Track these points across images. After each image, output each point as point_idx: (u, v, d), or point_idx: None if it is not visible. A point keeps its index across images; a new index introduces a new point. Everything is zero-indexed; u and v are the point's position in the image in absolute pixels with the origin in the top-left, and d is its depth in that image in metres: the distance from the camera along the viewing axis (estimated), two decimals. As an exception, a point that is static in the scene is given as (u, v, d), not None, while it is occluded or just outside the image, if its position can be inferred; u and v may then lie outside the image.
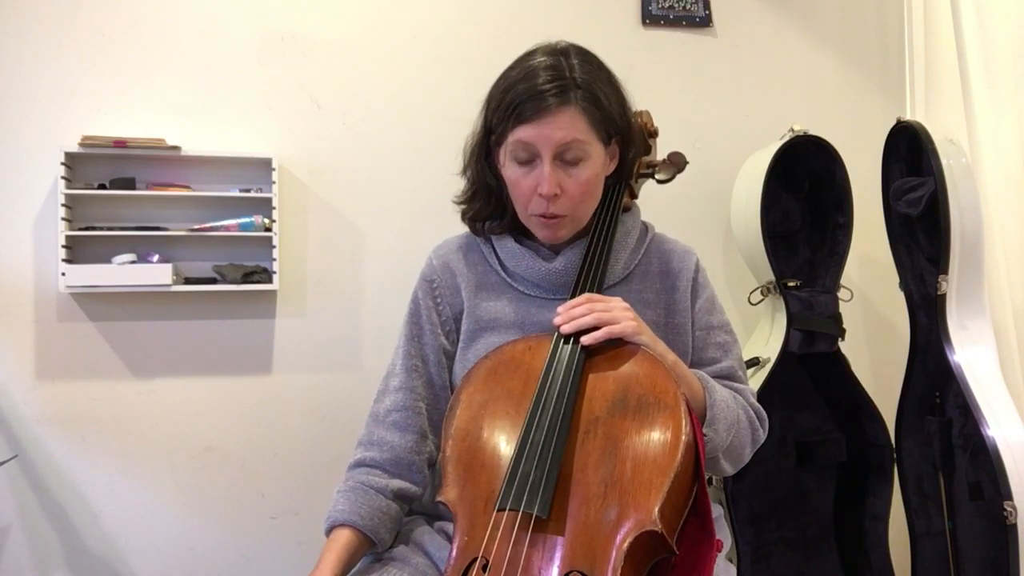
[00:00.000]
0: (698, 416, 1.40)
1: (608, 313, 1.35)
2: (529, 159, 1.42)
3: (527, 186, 1.43)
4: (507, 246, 1.57)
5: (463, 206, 1.63)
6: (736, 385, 1.55)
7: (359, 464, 1.51)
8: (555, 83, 1.38)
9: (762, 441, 1.56)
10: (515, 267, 1.55)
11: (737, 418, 1.46)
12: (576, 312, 1.36)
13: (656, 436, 1.21)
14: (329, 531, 1.43)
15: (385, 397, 1.55)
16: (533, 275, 1.54)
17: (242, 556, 2.32)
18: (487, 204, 1.59)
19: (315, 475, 2.35)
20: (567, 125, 1.38)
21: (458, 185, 1.69)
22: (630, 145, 1.54)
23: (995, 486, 2.03)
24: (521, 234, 1.59)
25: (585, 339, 1.34)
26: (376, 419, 1.54)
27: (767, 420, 1.57)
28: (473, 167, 1.58)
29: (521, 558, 1.14)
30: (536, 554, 1.15)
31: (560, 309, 1.39)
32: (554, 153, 1.39)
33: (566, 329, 1.35)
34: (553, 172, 1.40)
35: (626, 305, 1.38)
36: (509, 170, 1.46)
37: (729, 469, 1.52)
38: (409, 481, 1.50)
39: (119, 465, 2.24)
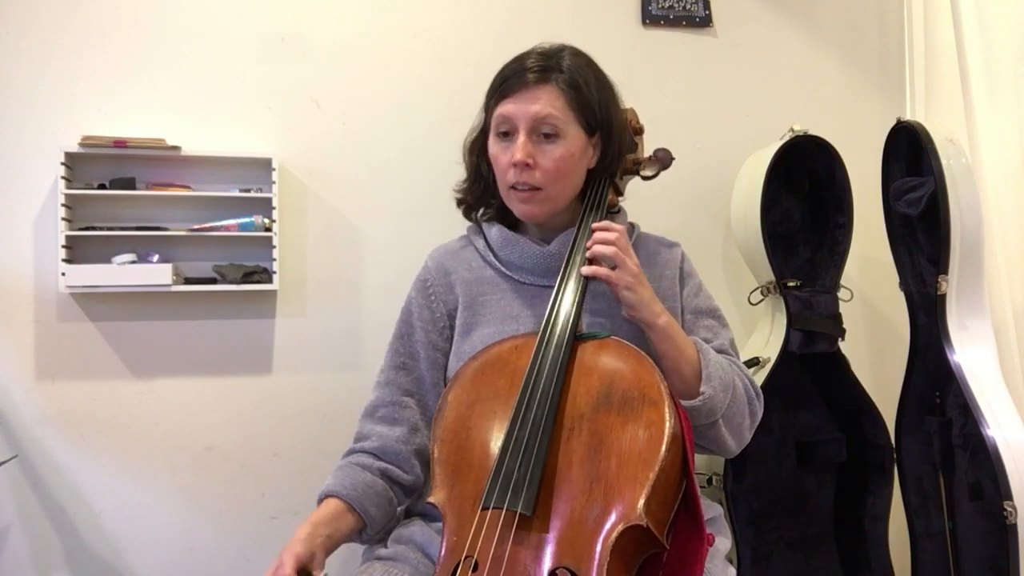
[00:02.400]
0: (693, 374, 1.43)
1: (624, 264, 1.42)
2: (509, 133, 1.51)
3: (505, 160, 1.51)
4: (499, 233, 1.62)
5: (460, 194, 1.72)
6: (731, 357, 1.57)
7: (349, 452, 1.58)
8: (539, 64, 1.50)
9: (760, 417, 1.59)
10: (509, 255, 1.60)
11: (733, 383, 1.49)
12: (607, 237, 1.44)
13: (641, 431, 1.21)
14: (319, 504, 1.50)
15: (372, 393, 1.62)
16: (528, 260, 1.58)
17: (242, 556, 2.32)
18: (477, 188, 1.66)
19: (315, 475, 2.34)
20: (544, 101, 1.47)
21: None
22: (612, 142, 1.58)
23: (995, 486, 2.02)
24: (512, 224, 1.65)
25: (584, 270, 1.43)
26: (366, 414, 1.61)
27: (763, 397, 1.59)
28: (470, 157, 1.67)
29: (507, 556, 1.15)
30: (523, 552, 1.15)
31: (596, 225, 1.48)
32: (529, 127, 1.48)
33: (591, 251, 1.44)
34: (527, 143, 1.48)
35: (636, 272, 1.44)
36: (492, 146, 1.55)
37: (731, 443, 1.52)
38: (397, 467, 1.55)
39: (119, 465, 2.25)
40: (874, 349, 2.74)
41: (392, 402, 1.59)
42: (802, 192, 2.46)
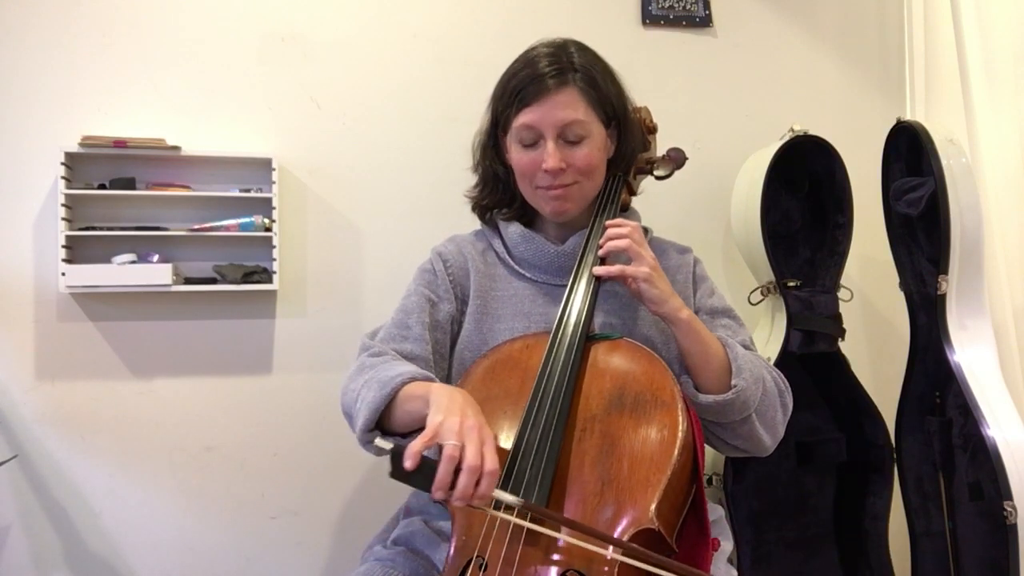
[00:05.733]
0: (722, 368, 1.42)
1: (640, 257, 1.41)
2: (534, 141, 1.49)
3: (533, 166, 1.50)
4: (515, 231, 1.62)
5: (473, 199, 1.71)
6: (755, 352, 1.56)
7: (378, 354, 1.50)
8: (554, 66, 1.47)
9: (791, 409, 1.56)
10: (523, 252, 1.59)
11: (762, 376, 1.48)
12: (620, 232, 1.43)
13: (653, 434, 1.21)
14: (401, 386, 1.34)
15: (405, 343, 1.54)
16: (541, 258, 1.58)
17: (242, 556, 2.32)
18: (495, 192, 1.66)
19: (315, 475, 2.35)
20: (567, 105, 1.47)
21: (458, 184, 1.74)
22: (627, 133, 1.59)
23: (995, 486, 2.03)
24: (528, 223, 1.65)
25: (597, 270, 1.43)
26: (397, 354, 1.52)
27: (791, 389, 1.58)
28: (482, 160, 1.66)
29: (517, 557, 1.15)
30: (533, 553, 1.15)
31: (608, 223, 1.47)
32: (557, 133, 1.47)
33: (606, 248, 1.43)
34: (557, 149, 1.47)
35: (653, 264, 1.42)
36: (515, 153, 1.53)
37: (767, 438, 1.50)
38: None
39: (119, 465, 2.24)
40: (874, 349, 2.74)
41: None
42: (802, 192, 2.46)
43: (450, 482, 1.09)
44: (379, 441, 1.13)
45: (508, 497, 1.13)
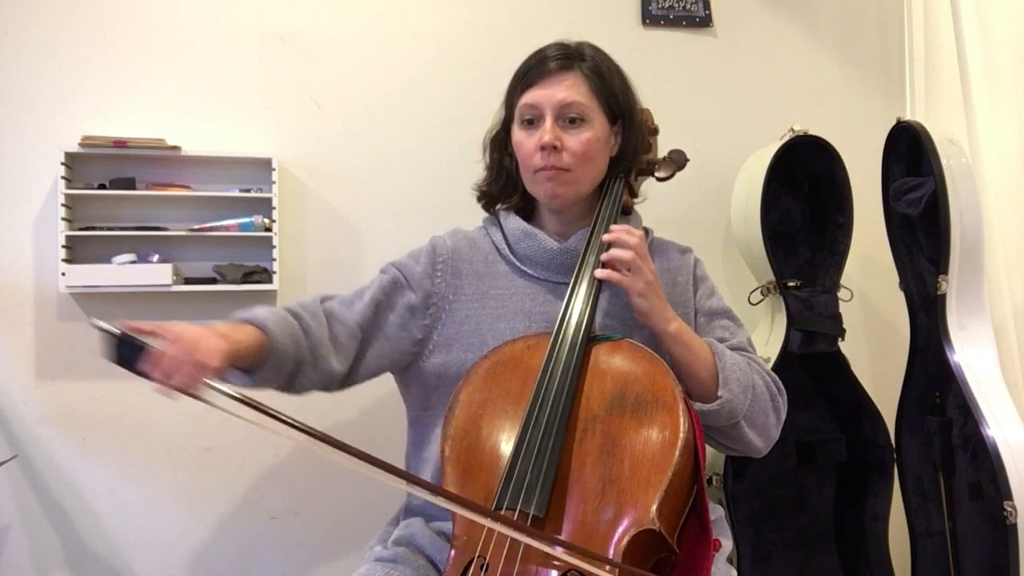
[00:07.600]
0: (709, 377, 1.43)
1: (640, 270, 1.43)
2: (534, 121, 1.53)
3: (531, 145, 1.53)
4: (516, 226, 1.62)
5: (481, 188, 1.73)
6: (750, 354, 1.57)
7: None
8: (561, 53, 1.54)
9: (785, 413, 1.58)
10: (525, 249, 1.60)
11: (752, 382, 1.49)
12: (628, 241, 1.44)
13: (654, 434, 1.21)
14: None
15: (341, 304, 1.60)
16: (543, 255, 1.59)
17: (242, 556, 2.32)
18: (498, 181, 1.68)
19: (315, 475, 2.35)
20: (569, 87, 1.51)
21: (458, 184, 1.77)
22: (632, 132, 1.61)
23: (995, 486, 2.03)
24: (528, 216, 1.66)
25: (598, 273, 1.44)
26: (334, 311, 1.58)
27: (785, 392, 1.58)
28: (491, 152, 1.69)
29: (518, 557, 1.15)
30: (534, 553, 1.15)
31: (616, 228, 1.48)
32: (556, 112, 1.51)
33: (608, 254, 1.45)
34: (554, 127, 1.50)
35: (651, 280, 1.44)
36: (516, 134, 1.57)
37: (758, 442, 1.52)
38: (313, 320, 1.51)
39: (119, 465, 2.24)
40: (874, 349, 2.74)
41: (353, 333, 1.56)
42: (802, 192, 2.46)
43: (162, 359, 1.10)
44: (96, 320, 1.11)
45: (225, 389, 1.13)
